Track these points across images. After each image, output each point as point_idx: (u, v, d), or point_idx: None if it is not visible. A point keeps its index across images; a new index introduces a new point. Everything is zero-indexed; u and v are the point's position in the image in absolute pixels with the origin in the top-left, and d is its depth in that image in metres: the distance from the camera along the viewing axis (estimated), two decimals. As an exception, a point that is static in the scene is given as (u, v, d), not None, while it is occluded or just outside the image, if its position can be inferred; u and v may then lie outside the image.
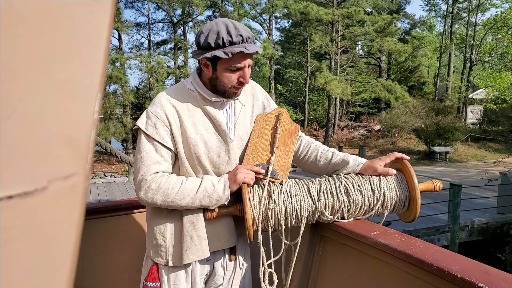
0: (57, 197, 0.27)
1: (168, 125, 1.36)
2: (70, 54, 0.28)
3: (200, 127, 1.40)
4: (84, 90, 0.28)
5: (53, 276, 0.27)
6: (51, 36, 0.27)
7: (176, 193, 1.33)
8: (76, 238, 0.28)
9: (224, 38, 1.27)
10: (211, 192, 1.35)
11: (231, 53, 1.27)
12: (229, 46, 1.28)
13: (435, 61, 30.38)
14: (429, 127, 17.52)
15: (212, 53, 1.29)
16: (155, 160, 1.34)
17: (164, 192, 1.32)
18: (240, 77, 1.35)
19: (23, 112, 0.26)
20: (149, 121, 1.36)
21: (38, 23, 0.26)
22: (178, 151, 1.38)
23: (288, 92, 28.27)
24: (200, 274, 1.45)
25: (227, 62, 1.31)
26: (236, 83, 1.37)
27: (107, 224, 1.95)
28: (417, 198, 1.41)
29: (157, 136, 1.35)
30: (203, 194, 1.34)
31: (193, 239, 1.39)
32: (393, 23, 20.21)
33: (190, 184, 1.35)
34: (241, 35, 1.29)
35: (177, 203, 1.33)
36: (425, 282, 1.19)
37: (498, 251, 8.30)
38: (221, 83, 1.36)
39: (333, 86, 18.04)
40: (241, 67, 1.34)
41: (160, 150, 1.36)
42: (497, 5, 23.69)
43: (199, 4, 20.30)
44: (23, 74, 0.26)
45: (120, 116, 19.24)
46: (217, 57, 1.29)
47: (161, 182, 1.32)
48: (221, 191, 1.36)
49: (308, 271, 1.69)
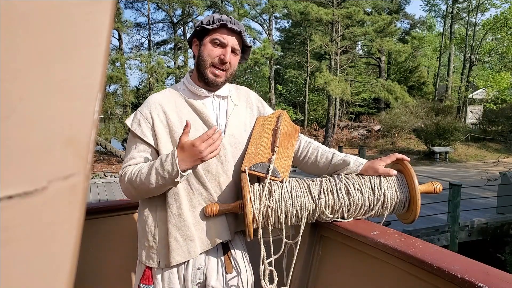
0: (57, 197, 0.27)
1: (151, 122, 1.40)
2: (70, 54, 0.27)
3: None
4: (84, 90, 0.28)
5: (53, 276, 0.27)
6: (51, 36, 0.27)
7: (138, 179, 1.32)
8: (76, 238, 0.28)
9: (215, 17, 1.41)
10: (161, 171, 1.28)
11: (216, 25, 1.39)
12: (217, 22, 1.40)
13: (435, 61, 30.39)
14: (429, 127, 17.53)
15: (201, 27, 1.41)
16: (130, 156, 1.40)
17: (129, 180, 1.34)
18: (221, 54, 1.41)
19: (23, 112, 0.26)
20: (135, 119, 1.43)
21: (38, 23, 0.26)
22: (159, 148, 1.39)
23: (288, 92, 28.27)
24: (191, 280, 1.42)
25: (211, 33, 1.41)
26: (217, 60, 1.41)
27: (107, 224, 1.95)
28: (417, 199, 1.41)
29: (139, 132, 1.39)
30: (155, 175, 1.29)
31: (177, 240, 1.38)
32: (393, 23, 20.21)
33: (146, 168, 1.33)
34: (231, 18, 1.42)
35: (142, 188, 1.32)
36: (425, 282, 1.19)
37: (498, 251, 8.30)
38: (202, 58, 1.42)
39: (333, 86, 18.03)
40: (224, 43, 1.41)
41: (138, 146, 1.40)
42: (497, 5, 23.70)
43: (199, 4, 20.31)
44: (23, 74, 0.26)
45: (120, 116, 19.25)
46: (204, 28, 1.40)
47: (127, 172, 1.36)
48: (170, 168, 1.26)
49: (308, 270, 1.69)
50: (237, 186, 1.49)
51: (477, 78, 25.98)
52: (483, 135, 20.36)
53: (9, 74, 0.25)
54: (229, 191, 1.47)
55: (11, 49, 0.25)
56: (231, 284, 1.47)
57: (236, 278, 1.48)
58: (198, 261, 1.43)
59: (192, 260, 1.42)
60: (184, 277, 1.42)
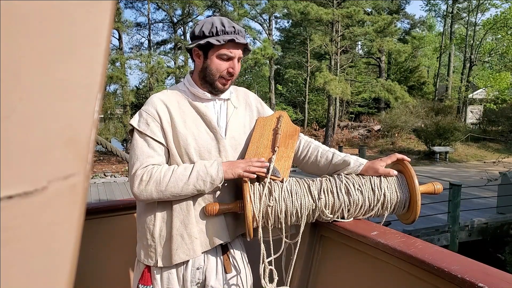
0: (57, 197, 0.27)
1: (159, 121, 1.39)
2: (70, 54, 0.27)
3: (190, 123, 1.42)
4: (84, 90, 0.28)
5: (53, 276, 0.27)
6: (51, 36, 0.27)
7: (169, 180, 1.32)
8: (76, 238, 0.28)
9: (218, 27, 1.37)
10: (204, 175, 1.33)
11: (223, 40, 1.35)
12: (222, 34, 1.37)
13: (435, 61, 30.38)
14: (429, 127, 17.52)
15: (206, 39, 1.36)
16: (148, 154, 1.36)
17: (157, 181, 1.31)
18: (229, 67, 1.41)
19: (23, 112, 0.26)
20: (141, 119, 1.41)
21: (38, 23, 0.26)
22: (169, 147, 1.39)
23: (288, 92, 28.27)
24: (191, 281, 1.42)
25: (218, 49, 1.38)
26: (225, 73, 1.41)
27: (107, 224, 1.95)
28: (418, 199, 1.41)
29: (149, 131, 1.38)
30: (196, 177, 1.33)
31: (183, 238, 1.37)
32: (393, 23, 20.20)
33: (182, 170, 1.34)
34: (233, 27, 1.39)
35: (171, 190, 1.32)
36: (425, 282, 1.19)
37: (498, 251, 8.30)
38: (210, 72, 1.41)
39: (333, 86, 18.03)
40: (231, 57, 1.41)
41: (152, 145, 1.38)
42: (497, 5, 23.69)
43: (199, 4, 20.30)
44: (23, 74, 0.26)
45: (120, 116, 19.23)
46: (210, 43, 1.36)
47: (152, 172, 1.33)
48: (215, 173, 1.34)
49: (308, 270, 1.69)
50: (237, 186, 1.50)
51: (477, 78, 25.98)
52: (483, 135, 20.35)
53: (9, 74, 0.25)
54: (229, 191, 1.47)
55: (11, 49, 0.25)
56: (231, 284, 1.47)
57: (236, 278, 1.48)
58: (197, 261, 1.43)
59: (191, 260, 1.42)
60: (183, 277, 1.42)
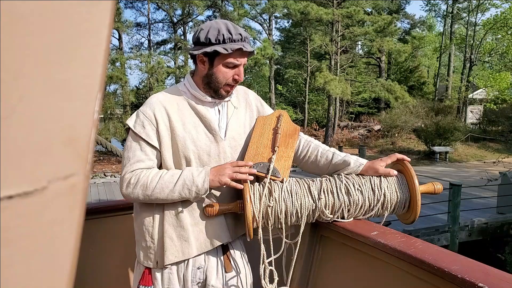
0: (57, 197, 0.27)
1: (155, 124, 1.38)
2: (70, 54, 0.27)
3: (189, 126, 1.41)
4: (84, 90, 0.28)
5: (53, 276, 0.27)
6: (51, 36, 0.27)
7: (155, 186, 1.32)
8: (76, 238, 0.28)
9: (225, 35, 1.33)
10: (190, 184, 1.33)
11: (231, 49, 1.33)
12: (229, 42, 1.34)
13: (435, 61, 30.37)
14: (429, 127, 17.51)
15: (212, 48, 1.33)
16: (138, 158, 1.37)
17: (143, 185, 1.32)
18: (235, 74, 1.40)
19: (23, 112, 0.26)
20: (138, 120, 1.40)
21: (38, 23, 0.26)
22: (162, 151, 1.39)
23: (288, 92, 28.26)
24: (191, 280, 1.42)
25: (225, 57, 1.36)
26: (231, 81, 1.41)
27: (107, 224, 1.95)
28: (418, 199, 1.41)
29: (144, 134, 1.37)
30: (182, 186, 1.33)
31: (172, 240, 1.38)
32: (393, 23, 20.21)
33: (169, 177, 1.34)
34: (240, 34, 1.36)
35: (157, 196, 1.32)
36: (425, 282, 1.19)
37: (498, 251, 8.30)
38: (216, 79, 1.40)
39: (333, 86, 18.03)
40: (238, 65, 1.39)
41: (145, 149, 1.38)
42: (497, 5, 23.68)
43: (199, 4, 20.32)
44: (23, 74, 0.26)
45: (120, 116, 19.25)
46: (217, 52, 1.34)
47: (140, 176, 1.34)
48: (200, 184, 1.33)
49: (308, 270, 1.69)
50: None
51: (477, 78, 25.94)
52: (483, 135, 20.35)
53: (9, 74, 0.25)
54: (229, 191, 1.47)
55: (11, 49, 0.25)
56: (231, 283, 1.47)
57: (236, 277, 1.49)
58: (198, 261, 1.43)
59: (192, 259, 1.42)
60: (184, 277, 1.42)
